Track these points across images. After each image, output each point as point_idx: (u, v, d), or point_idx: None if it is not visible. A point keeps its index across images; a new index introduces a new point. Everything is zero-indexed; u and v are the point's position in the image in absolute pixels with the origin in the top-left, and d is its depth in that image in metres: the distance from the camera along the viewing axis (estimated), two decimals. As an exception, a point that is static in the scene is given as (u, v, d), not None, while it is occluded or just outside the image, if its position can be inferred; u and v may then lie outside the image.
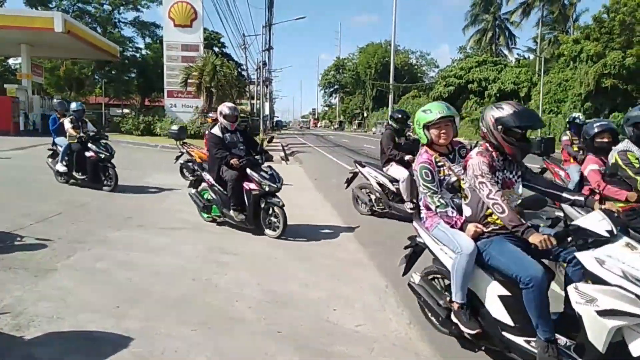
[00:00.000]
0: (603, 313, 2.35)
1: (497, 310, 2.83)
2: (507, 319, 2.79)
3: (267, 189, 5.80)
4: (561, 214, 4.50)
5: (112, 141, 17.35)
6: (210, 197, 6.40)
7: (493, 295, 2.86)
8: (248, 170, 5.87)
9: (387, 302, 4.02)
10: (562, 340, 2.66)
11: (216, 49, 44.18)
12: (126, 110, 34.11)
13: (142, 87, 45.72)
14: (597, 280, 2.44)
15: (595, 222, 2.53)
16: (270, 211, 5.92)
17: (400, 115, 7.59)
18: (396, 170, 7.09)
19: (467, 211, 3.05)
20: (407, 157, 6.94)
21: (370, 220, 7.47)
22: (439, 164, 3.22)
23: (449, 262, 3.03)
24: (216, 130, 6.13)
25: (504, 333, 2.83)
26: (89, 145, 8.52)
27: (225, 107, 6.20)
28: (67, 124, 8.63)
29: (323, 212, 7.90)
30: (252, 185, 5.84)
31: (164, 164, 12.26)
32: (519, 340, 2.76)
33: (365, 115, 72.33)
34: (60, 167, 8.71)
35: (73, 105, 9.06)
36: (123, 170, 11.02)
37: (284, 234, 5.79)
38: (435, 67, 73.74)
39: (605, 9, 26.58)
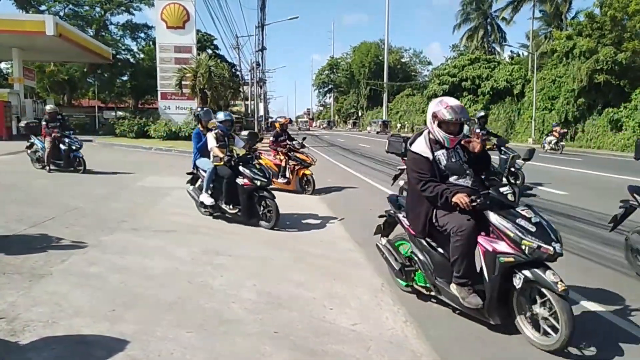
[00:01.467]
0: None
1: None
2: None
3: (529, 254, 3.14)
4: None
5: (104, 144, 17.26)
6: (414, 256, 3.91)
7: None
8: (492, 217, 3.33)
9: (383, 300, 4.03)
10: None
11: (209, 51, 44.11)
12: (120, 113, 33.97)
13: (135, 89, 45.61)
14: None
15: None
16: (532, 295, 3.27)
17: None
18: None
19: None
20: None
21: (365, 219, 7.46)
22: None
23: None
24: (420, 146, 3.66)
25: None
26: (241, 168, 6.55)
27: (444, 109, 3.52)
28: (211, 141, 6.77)
29: (318, 212, 7.90)
30: (501, 246, 3.23)
31: (158, 166, 12.20)
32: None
33: (360, 114, 72.45)
34: (206, 199, 6.69)
35: (220, 116, 7.07)
36: (117, 173, 11.00)
37: (567, 346, 3.11)
38: (428, 63, 74.09)
39: (598, 3, 26.77)
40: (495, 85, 38.77)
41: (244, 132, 12.04)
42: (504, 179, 3.90)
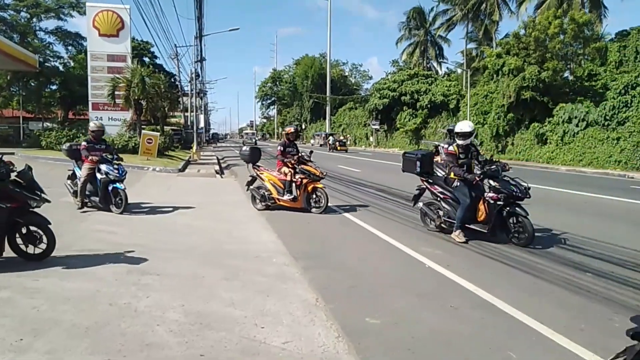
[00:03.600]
0: None
1: None
2: None
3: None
4: None
5: (26, 157, 15.97)
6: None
7: None
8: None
9: (316, 316, 3.94)
10: None
11: (147, 59, 42.70)
12: (47, 124, 31.94)
13: (65, 100, 43.06)
14: None
15: None
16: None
17: None
18: None
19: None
20: None
21: (303, 233, 7.40)
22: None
23: None
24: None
25: None
26: None
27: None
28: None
29: (255, 226, 7.74)
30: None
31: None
32: None
33: (303, 127, 72.83)
34: None
35: None
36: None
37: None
38: (370, 78, 76.06)
39: (523, 24, 28.71)
40: (433, 99, 40.37)
41: (245, 148, 10.18)
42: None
